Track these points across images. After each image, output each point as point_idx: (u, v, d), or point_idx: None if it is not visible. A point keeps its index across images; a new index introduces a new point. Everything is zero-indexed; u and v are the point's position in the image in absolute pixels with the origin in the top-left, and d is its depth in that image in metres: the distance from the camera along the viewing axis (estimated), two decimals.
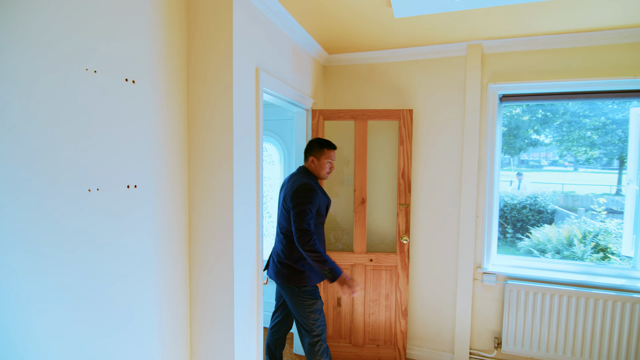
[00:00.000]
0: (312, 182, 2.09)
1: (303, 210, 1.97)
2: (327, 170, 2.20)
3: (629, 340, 2.26)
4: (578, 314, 2.35)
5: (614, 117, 8.01)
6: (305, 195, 2.00)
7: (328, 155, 2.17)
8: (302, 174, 2.17)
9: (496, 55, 2.49)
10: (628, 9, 1.95)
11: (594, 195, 7.54)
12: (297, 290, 2.07)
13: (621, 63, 2.27)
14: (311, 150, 2.20)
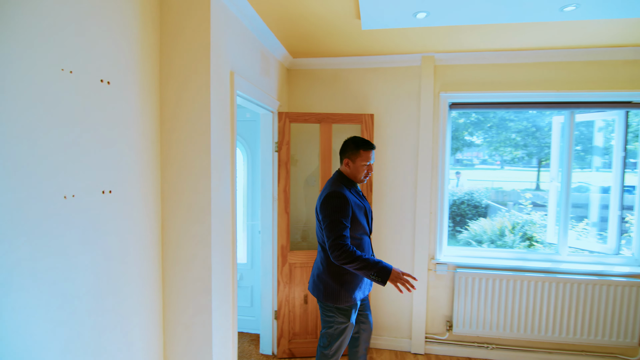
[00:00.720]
0: (341, 190, 1.89)
1: (332, 221, 1.80)
2: (363, 174, 1.98)
3: (555, 313, 2.67)
4: (515, 294, 2.72)
5: (535, 122, 9.11)
6: (333, 205, 1.83)
7: (365, 157, 1.94)
8: (335, 179, 1.99)
9: (447, 67, 2.77)
10: (554, 34, 2.30)
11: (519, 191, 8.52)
12: (331, 307, 1.93)
13: (548, 78, 2.67)
14: (345, 152, 2.00)
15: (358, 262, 1.75)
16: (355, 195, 1.97)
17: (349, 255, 1.74)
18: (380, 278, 1.75)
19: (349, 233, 1.86)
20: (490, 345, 2.83)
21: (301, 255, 2.82)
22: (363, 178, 1.99)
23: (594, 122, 3.09)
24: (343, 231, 1.79)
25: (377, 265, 1.75)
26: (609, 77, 2.62)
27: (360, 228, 1.91)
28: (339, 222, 1.79)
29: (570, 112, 2.77)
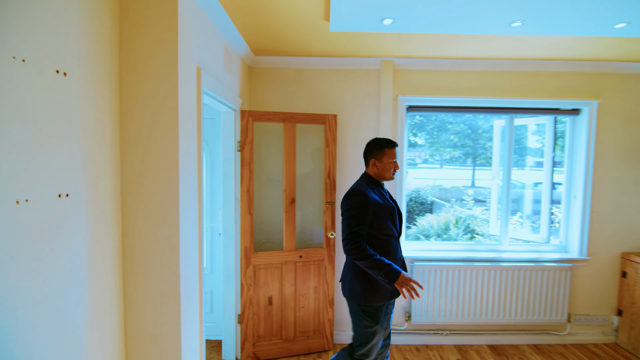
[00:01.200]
0: (362, 188, 1.91)
1: (348, 217, 1.85)
2: (391, 171, 2.00)
3: (499, 298, 2.96)
4: (465, 283, 2.96)
5: (471, 125, 9.92)
6: (350, 202, 1.87)
7: (390, 155, 1.97)
8: (359, 180, 2.03)
9: (405, 72, 2.91)
10: (500, 46, 2.54)
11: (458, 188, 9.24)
12: (356, 307, 1.92)
13: (493, 86, 2.94)
14: (371, 153, 2.03)
15: (368, 260, 1.77)
16: (379, 195, 1.97)
17: (359, 252, 1.77)
18: (387, 280, 1.75)
19: (372, 232, 1.88)
20: (445, 331, 3.05)
21: (266, 256, 2.79)
22: (391, 175, 2.02)
23: (527, 125, 3.47)
24: (357, 227, 1.81)
25: (386, 267, 1.75)
26: (542, 87, 2.97)
27: (384, 228, 1.90)
28: (354, 218, 1.83)
29: (510, 116, 3.08)
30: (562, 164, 3.23)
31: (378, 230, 1.88)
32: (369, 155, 2.04)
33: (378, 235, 1.89)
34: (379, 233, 1.89)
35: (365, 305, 1.89)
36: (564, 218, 3.17)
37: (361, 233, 1.81)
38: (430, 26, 2.12)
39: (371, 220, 1.86)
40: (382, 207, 1.91)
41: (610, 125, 3.01)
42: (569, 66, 2.93)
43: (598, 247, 3.05)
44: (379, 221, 1.88)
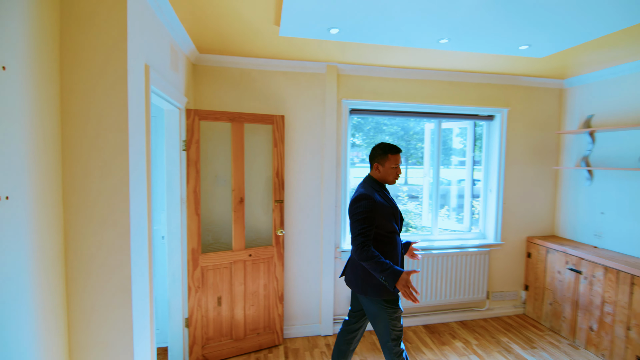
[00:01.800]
0: (369, 192, 2.01)
1: (356, 221, 1.95)
2: (393, 176, 2.12)
3: (432, 282, 3.32)
4: None
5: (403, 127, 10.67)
6: (358, 206, 1.96)
7: (393, 161, 2.09)
8: (365, 183, 2.13)
9: (348, 77, 3.11)
10: (430, 58, 2.85)
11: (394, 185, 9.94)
12: (379, 300, 1.98)
13: (424, 93, 3.27)
14: (375, 157, 2.15)
15: (372, 263, 1.87)
16: (383, 197, 2.08)
17: (365, 254, 1.87)
18: (388, 281, 1.85)
19: (378, 231, 2.00)
20: None
21: (214, 257, 2.76)
22: (393, 179, 2.12)
23: (452, 129, 3.91)
24: (364, 230, 1.91)
25: (387, 270, 1.84)
26: (464, 95, 3.39)
27: (389, 227, 2.03)
28: (362, 221, 1.93)
29: (438, 120, 3.45)
30: (481, 163, 3.71)
31: (384, 229, 2.01)
32: (373, 159, 2.16)
33: (383, 233, 2.02)
34: (384, 231, 2.02)
35: (387, 296, 1.97)
36: (482, 209, 3.66)
37: (368, 235, 1.92)
38: (372, 37, 2.32)
39: (379, 221, 1.99)
40: (387, 208, 2.03)
41: (517, 130, 3.55)
42: (485, 78, 3.38)
43: (509, 233, 3.59)
44: (385, 221, 2.01)
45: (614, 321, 2.75)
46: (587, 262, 2.95)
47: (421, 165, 3.92)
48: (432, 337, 3.15)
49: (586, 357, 2.85)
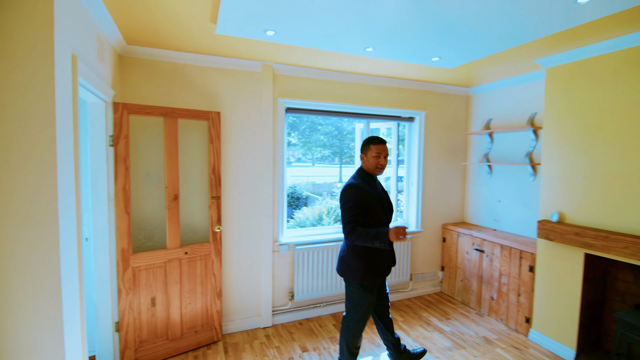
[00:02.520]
0: (356, 182, 2.22)
1: (345, 209, 2.15)
2: (375, 165, 2.27)
3: None
4: (336, 259, 3.48)
5: (337, 126, 11.12)
6: (346, 196, 2.17)
7: (374, 150, 2.26)
8: (355, 174, 2.34)
9: (284, 77, 3.23)
10: (359, 63, 3.11)
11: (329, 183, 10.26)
12: (356, 284, 2.25)
13: (354, 95, 3.54)
14: (362, 149, 2.34)
15: (362, 238, 2.08)
16: (373, 188, 2.27)
17: (356, 235, 2.09)
18: (383, 243, 2.06)
19: (366, 219, 2.18)
20: (322, 303, 3.52)
21: (147, 256, 2.68)
22: (376, 169, 2.28)
23: (379, 129, 4.27)
24: (352, 217, 2.12)
25: (377, 235, 2.05)
26: (390, 98, 3.74)
27: (376, 215, 2.22)
28: (351, 209, 2.13)
29: (367, 121, 3.76)
30: (404, 162, 4.12)
31: (371, 217, 2.20)
32: (361, 151, 2.36)
33: (371, 221, 2.20)
34: (372, 219, 2.21)
35: (364, 282, 2.23)
36: (405, 201, 4.08)
37: (357, 221, 2.13)
38: (306, 42, 2.48)
39: (366, 209, 2.18)
40: (374, 198, 2.22)
41: (433, 130, 4.02)
42: (407, 84, 3.78)
43: (428, 221, 4.05)
44: (372, 211, 2.20)
45: (508, 290, 3.31)
46: (488, 243, 3.49)
47: (353, 164, 4.21)
48: None
49: (489, 322, 3.38)
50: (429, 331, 3.21)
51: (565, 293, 2.80)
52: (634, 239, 2.28)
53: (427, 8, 1.91)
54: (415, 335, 3.13)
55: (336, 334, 3.15)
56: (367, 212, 2.19)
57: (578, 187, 2.72)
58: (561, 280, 2.82)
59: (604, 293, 2.86)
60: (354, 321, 2.30)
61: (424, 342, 3.02)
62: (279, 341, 3.03)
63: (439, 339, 3.09)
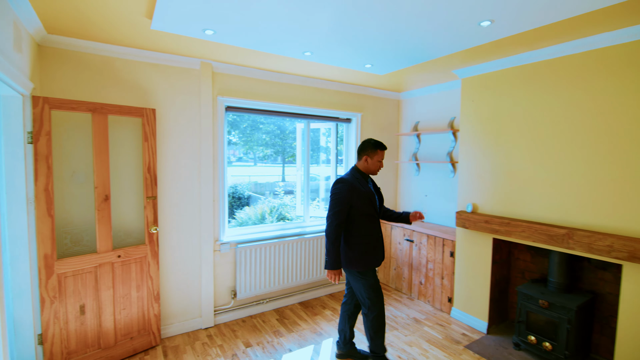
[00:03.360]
0: (346, 177, 2.42)
1: (332, 201, 2.35)
2: (378, 168, 2.52)
3: (305, 263, 3.75)
4: (279, 256, 3.58)
5: (280, 126, 11.16)
6: (336, 188, 2.37)
7: (380, 155, 2.49)
8: (348, 171, 2.52)
9: (224, 75, 3.23)
10: (299, 66, 3.23)
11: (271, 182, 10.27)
12: (355, 272, 2.42)
13: (295, 96, 3.66)
14: (365, 150, 2.49)
15: (329, 242, 2.32)
16: (362, 184, 2.44)
17: (331, 233, 2.31)
18: (326, 263, 2.35)
19: (356, 211, 2.37)
20: (265, 299, 3.59)
21: (74, 262, 2.52)
22: (376, 171, 2.52)
23: (319, 129, 4.46)
24: (337, 210, 2.32)
25: (332, 257, 2.32)
26: (328, 100, 3.93)
27: (365, 209, 2.40)
28: (337, 201, 2.33)
29: (307, 121, 3.91)
30: (343, 161, 4.35)
31: (360, 211, 2.39)
32: (364, 151, 2.50)
33: (360, 214, 2.39)
34: (361, 213, 2.39)
35: (361, 269, 2.40)
36: None
37: (340, 214, 2.32)
38: (247, 43, 2.53)
39: (355, 203, 2.37)
40: (363, 193, 2.40)
41: (369, 131, 4.31)
42: (344, 87, 4.00)
43: None
44: (361, 204, 2.38)
45: (434, 274, 3.70)
46: (417, 233, 3.86)
47: (294, 164, 4.33)
48: (307, 311, 3.58)
49: (418, 305, 3.74)
50: None
51: (479, 273, 3.22)
52: (529, 224, 2.73)
53: (353, 23, 2.10)
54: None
55: (279, 327, 3.24)
56: (357, 205, 2.38)
57: (488, 182, 3.16)
58: (475, 263, 3.25)
59: (508, 271, 3.35)
60: (371, 303, 2.43)
61: (361, 326, 3.25)
62: (221, 340, 3.03)
63: None
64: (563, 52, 2.58)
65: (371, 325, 2.47)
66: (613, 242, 2.28)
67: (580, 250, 2.44)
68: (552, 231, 2.58)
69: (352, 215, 2.39)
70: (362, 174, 2.52)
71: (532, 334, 2.78)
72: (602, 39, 2.35)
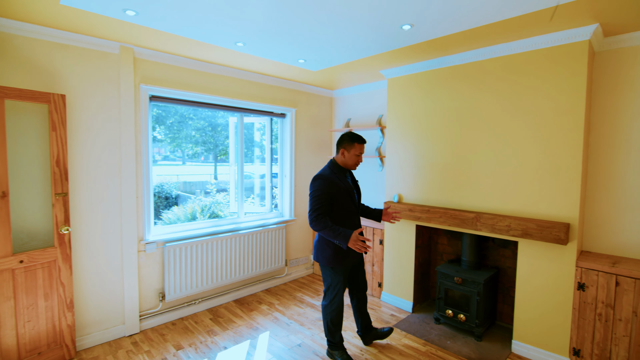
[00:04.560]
0: (324, 173, 2.38)
1: (312, 198, 2.30)
2: (355, 162, 2.46)
3: (240, 259, 3.67)
4: (212, 254, 3.46)
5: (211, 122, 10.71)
6: (313, 185, 2.34)
7: (358, 149, 2.42)
8: (326, 166, 2.49)
9: (148, 62, 3.00)
10: (233, 57, 3.15)
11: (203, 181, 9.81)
12: (327, 267, 2.44)
13: (228, 88, 3.56)
14: (342, 143, 2.44)
15: (326, 231, 2.24)
16: (341, 179, 2.42)
17: (320, 224, 2.25)
18: (341, 243, 2.24)
19: (335, 208, 2.36)
20: (198, 300, 3.44)
21: None
22: (353, 165, 2.47)
23: (253, 124, 4.40)
24: (319, 205, 2.28)
25: (339, 234, 2.22)
26: (262, 94, 3.90)
27: (344, 204, 2.39)
28: (317, 198, 2.28)
29: (240, 115, 3.83)
30: (278, 160, 4.36)
31: (339, 206, 2.37)
32: (341, 144, 2.45)
33: (340, 209, 2.38)
34: (340, 208, 2.38)
35: (334, 265, 2.40)
36: (279, 192, 4.32)
37: (322, 210, 2.28)
38: (174, 28, 2.39)
39: (334, 199, 2.34)
40: (342, 189, 2.38)
41: (303, 126, 4.39)
42: (279, 82, 4.01)
43: (300, 210, 4.40)
44: (340, 199, 2.36)
45: (366, 262, 3.91)
46: None
47: (227, 162, 4.21)
48: (242, 308, 3.51)
49: None
50: (302, 308, 3.52)
51: (404, 258, 3.50)
52: (445, 210, 3.05)
53: (285, 16, 2.13)
54: (291, 314, 3.39)
55: (213, 327, 3.14)
56: (335, 201, 2.35)
57: (411, 174, 3.45)
58: (401, 248, 3.52)
59: (429, 254, 3.70)
60: (329, 301, 2.49)
61: (299, 317, 3.30)
62: (149, 345, 2.83)
63: (311, 312, 3.42)
64: (473, 58, 2.94)
65: (330, 318, 2.51)
66: (510, 223, 2.66)
67: (486, 231, 2.81)
68: (464, 216, 2.92)
69: (332, 210, 2.37)
70: (340, 168, 2.48)
71: (450, 308, 3.12)
72: (504, 48, 2.73)
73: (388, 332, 2.85)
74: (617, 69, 2.55)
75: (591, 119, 2.67)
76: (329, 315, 2.51)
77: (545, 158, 2.59)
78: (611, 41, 2.54)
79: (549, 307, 2.58)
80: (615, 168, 2.58)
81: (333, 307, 2.49)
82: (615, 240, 2.59)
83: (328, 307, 2.51)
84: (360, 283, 2.74)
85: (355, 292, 2.75)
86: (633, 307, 2.23)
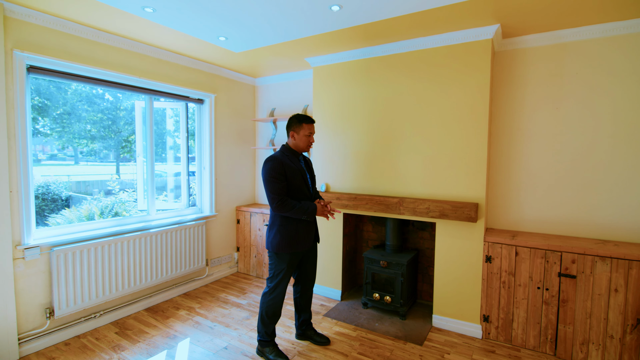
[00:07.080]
0: (276, 155, 2.31)
1: (268, 181, 2.25)
2: (307, 143, 2.39)
3: (151, 262, 3.23)
4: (116, 257, 2.97)
5: (110, 115, 9.40)
6: (265, 168, 2.27)
7: (307, 129, 2.37)
8: (278, 150, 2.52)
9: (25, 23, 2.41)
10: (138, 28, 2.72)
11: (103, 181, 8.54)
12: (272, 254, 2.37)
13: (134, 65, 3.08)
14: (291, 126, 2.40)
15: (292, 210, 2.24)
16: (294, 162, 2.36)
17: (284, 206, 2.23)
18: (310, 217, 2.30)
19: (289, 191, 2.30)
20: (99, 312, 2.90)
21: None
22: (305, 146, 2.40)
23: (165, 109, 3.94)
24: (276, 188, 2.23)
25: (306, 209, 2.27)
26: (176, 76, 3.50)
27: (297, 187, 2.33)
28: (272, 182, 2.23)
29: (150, 97, 3.37)
30: (195, 159, 3.97)
31: (293, 192, 2.32)
32: (290, 128, 2.40)
33: (292, 192, 2.32)
34: (294, 191, 2.32)
35: (279, 251, 2.33)
36: (198, 186, 3.95)
37: (281, 191, 2.24)
38: None
39: (287, 180, 2.28)
40: (294, 171, 2.32)
41: (224, 115, 4.08)
42: (195, 64, 3.65)
43: (222, 205, 4.09)
44: (293, 182, 2.30)
45: None
46: None
47: (135, 161, 3.70)
48: (156, 316, 3.09)
49: None
50: (227, 308, 3.26)
51: (332, 247, 3.50)
52: (370, 197, 3.13)
53: None
54: (214, 316, 3.10)
55: (120, 341, 2.68)
56: (289, 183, 2.29)
57: (338, 163, 3.46)
58: (329, 237, 3.51)
59: (356, 242, 3.77)
60: (269, 289, 2.38)
61: (223, 319, 3.04)
62: None
63: (237, 312, 3.18)
64: (395, 50, 3.06)
65: (266, 307, 2.38)
66: (430, 205, 2.84)
67: (408, 214, 2.95)
68: (388, 201, 3.03)
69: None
70: (293, 152, 2.42)
71: (377, 292, 3.20)
72: (423, 42, 2.90)
73: (324, 344, 2.67)
74: (514, 67, 2.92)
75: (493, 111, 3.01)
76: (265, 305, 2.38)
77: (457, 145, 2.83)
78: (507, 42, 2.89)
79: (463, 280, 2.83)
80: (513, 154, 2.96)
81: (272, 296, 2.37)
82: (514, 216, 2.97)
83: (267, 295, 2.39)
84: (309, 272, 2.60)
85: (303, 280, 2.61)
86: (529, 273, 2.56)
